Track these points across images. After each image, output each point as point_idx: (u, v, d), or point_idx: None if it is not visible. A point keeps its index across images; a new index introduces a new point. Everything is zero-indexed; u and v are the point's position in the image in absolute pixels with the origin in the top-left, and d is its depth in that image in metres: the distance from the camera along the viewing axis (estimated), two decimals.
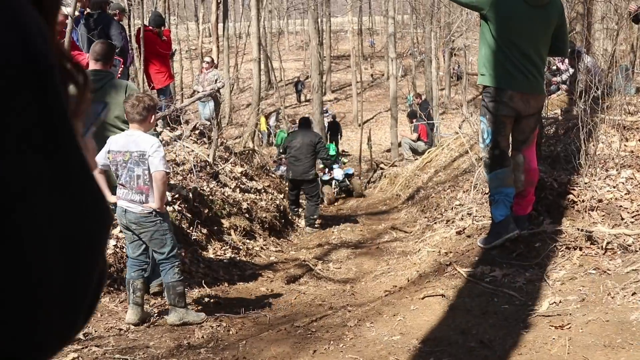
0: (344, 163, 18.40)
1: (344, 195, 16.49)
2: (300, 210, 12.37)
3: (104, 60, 5.63)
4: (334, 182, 16.21)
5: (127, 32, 10.59)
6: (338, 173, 16.23)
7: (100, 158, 5.00)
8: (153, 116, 5.01)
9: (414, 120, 17.72)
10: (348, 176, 16.56)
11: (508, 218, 5.26)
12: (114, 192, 5.10)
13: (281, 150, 12.70)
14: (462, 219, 6.79)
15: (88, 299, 0.66)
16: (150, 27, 10.75)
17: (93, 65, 5.63)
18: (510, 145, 5.50)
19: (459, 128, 15.70)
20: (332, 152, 16.54)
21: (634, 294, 4.09)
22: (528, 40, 5.14)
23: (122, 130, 5.39)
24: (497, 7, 5.13)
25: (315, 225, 11.31)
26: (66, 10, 6.48)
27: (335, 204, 15.74)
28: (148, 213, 4.94)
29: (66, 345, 0.67)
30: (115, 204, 5.09)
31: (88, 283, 0.65)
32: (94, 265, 0.66)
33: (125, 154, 4.88)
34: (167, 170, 4.95)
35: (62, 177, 0.62)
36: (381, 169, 19.04)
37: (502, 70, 5.20)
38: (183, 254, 6.94)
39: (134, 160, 4.86)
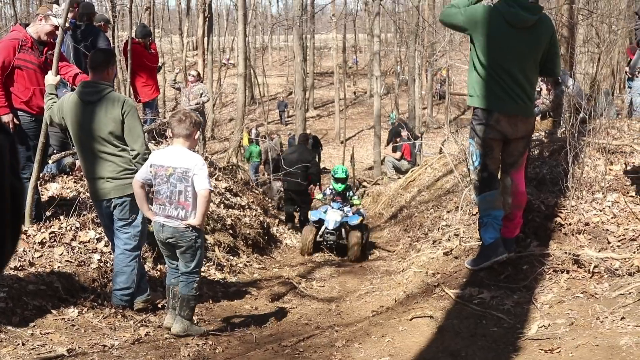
0: (356, 199, 11.34)
1: (329, 251, 10.64)
2: (293, 225, 13.49)
3: (101, 68, 5.54)
4: (323, 227, 10.46)
5: (112, 43, 10.55)
6: (333, 218, 10.36)
7: (143, 172, 5.10)
8: (197, 132, 5.05)
9: (398, 139, 17.78)
10: (350, 225, 10.40)
11: (497, 241, 5.26)
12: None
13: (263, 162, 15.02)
14: (449, 239, 6.79)
15: (6, 215, 0.73)
16: (138, 39, 10.71)
17: (91, 76, 5.58)
18: (500, 167, 5.51)
19: (442, 147, 15.78)
20: (341, 174, 11.16)
21: (622, 318, 4.10)
22: (514, 62, 5.12)
23: (116, 145, 5.38)
24: (482, 29, 5.10)
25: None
26: (56, 21, 6.43)
27: (309, 256, 10.42)
28: (185, 228, 5.00)
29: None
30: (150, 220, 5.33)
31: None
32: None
33: (168, 169, 4.96)
34: (211, 188, 5.00)
35: None
36: (364, 187, 19.07)
37: (489, 92, 5.17)
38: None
39: (177, 176, 4.93)
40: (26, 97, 6.36)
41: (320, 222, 10.58)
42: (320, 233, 10.55)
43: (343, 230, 10.42)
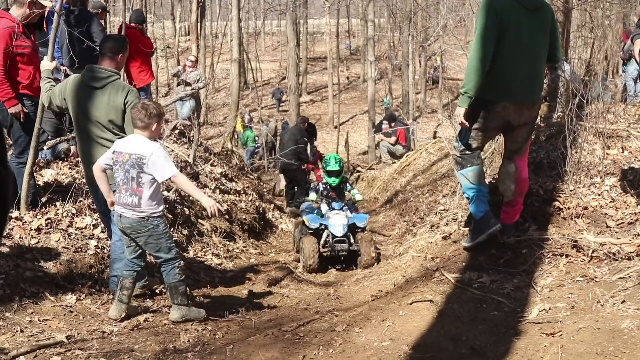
0: (356, 193, 9.60)
1: (337, 263, 8.66)
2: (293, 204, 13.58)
3: (111, 55, 5.49)
4: (327, 233, 8.51)
5: (106, 29, 10.46)
6: (340, 222, 8.45)
7: (105, 157, 5.10)
8: (155, 124, 4.99)
9: (393, 124, 17.74)
10: (352, 229, 8.63)
11: (488, 213, 5.30)
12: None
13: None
14: (447, 224, 6.79)
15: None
16: (133, 24, 10.62)
17: (100, 61, 5.52)
18: (503, 153, 5.52)
19: (436, 131, 15.77)
20: (334, 166, 9.42)
21: (623, 301, 4.11)
22: (533, 45, 5.11)
23: (115, 134, 5.34)
24: (501, 18, 5.04)
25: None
26: (48, 2, 6.37)
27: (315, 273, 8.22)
28: (141, 218, 4.95)
29: None
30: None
31: None
32: None
33: (125, 155, 4.95)
34: (173, 173, 4.95)
35: None
36: (358, 171, 19.04)
37: (504, 83, 5.10)
38: None
39: (131, 162, 4.92)
40: (27, 80, 6.33)
41: (318, 229, 8.62)
42: (322, 242, 8.44)
43: (351, 237, 8.49)
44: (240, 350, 4.40)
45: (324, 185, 9.46)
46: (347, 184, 9.66)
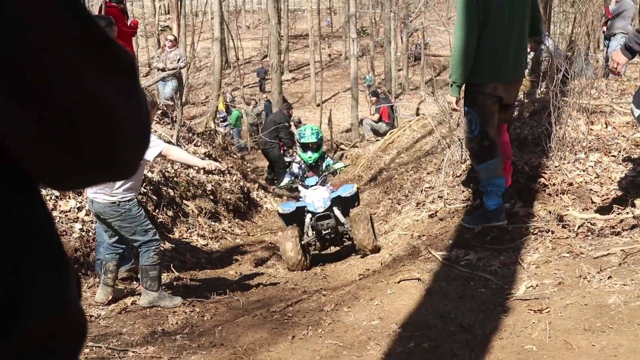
0: (336, 171, 7.66)
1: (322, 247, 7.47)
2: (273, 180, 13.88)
3: None
4: (309, 217, 7.18)
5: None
6: (319, 196, 7.11)
7: None
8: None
9: (375, 99, 17.70)
10: (344, 202, 7.29)
11: (501, 207, 5.28)
12: None
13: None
14: (433, 201, 6.80)
15: (148, 124, 1.00)
16: (114, 4, 10.47)
17: None
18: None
19: (419, 108, 15.78)
20: (311, 138, 7.55)
21: (609, 277, 4.14)
22: (516, 23, 5.10)
23: None
24: (481, 2, 5.03)
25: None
26: None
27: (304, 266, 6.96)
28: (112, 202, 4.90)
29: (144, 150, 0.98)
30: None
31: (144, 115, 0.97)
32: (143, 108, 0.96)
33: None
34: (164, 145, 4.91)
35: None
36: (341, 149, 19.02)
37: (490, 65, 5.10)
38: None
39: None
40: None
41: (298, 215, 7.26)
42: (305, 229, 7.19)
43: (336, 211, 7.16)
44: (229, 332, 4.40)
45: (298, 167, 7.66)
46: (328, 159, 7.71)
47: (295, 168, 7.73)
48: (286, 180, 7.58)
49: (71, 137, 0.84)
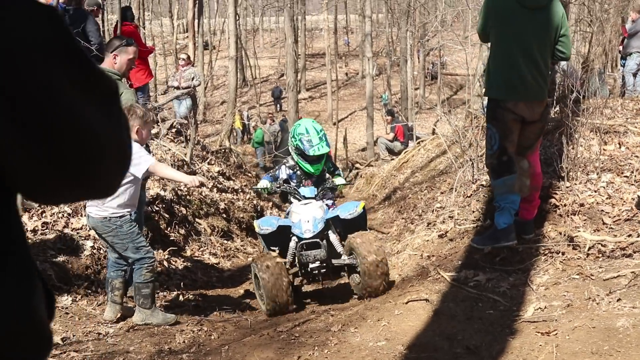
0: (336, 187, 6.30)
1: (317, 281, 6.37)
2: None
3: (109, 55, 5.44)
4: (294, 241, 5.75)
5: (102, 27, 10.43)
6: (308, 214, 5.67)
7: None
8: (137, 127, 4.93)
9: (390, 118, 17.72)
10: (345, 226, 5.90)
11: (511, 227, 5.24)
12: None
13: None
14: (443, 222, 6.77)
15: (129, 146, 1.07)
16: (128, 22, 10.58)
17: (104, 62, 5.48)
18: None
19: (435, 128, 15.77)
20: (317, 140, 6.01)
21: (618, 299, 4.09)
22: (531, 43, 5.10)
23: None
24: (497, 16, 5.11)
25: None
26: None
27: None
28: (103, 218, 4.91)
29: (124, 173, 1.08)
30: None
31: (126, 138, 1.06)
32: (123, 127, 1.05)
33: None
34: (152, 161, 4.90)
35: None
36: (357, 168, 19.02)
37: (507, 81, 5.15)
38: (161, 254, 6.86)
39: None
40: None
41: (283, 235, 5.75)
42: (288, 257, 5.72)
43: (331, 237, 5.75)
44: (235, 351, 4.40)
45: (290, 171, 6.12)
46: (334, 170, 6.34)
47: (283, 172, 6.12)
48: (264, 183, 5.97)
49: (57, 157, 0.92)
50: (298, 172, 6.11)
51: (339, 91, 36.80)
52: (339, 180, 6.21)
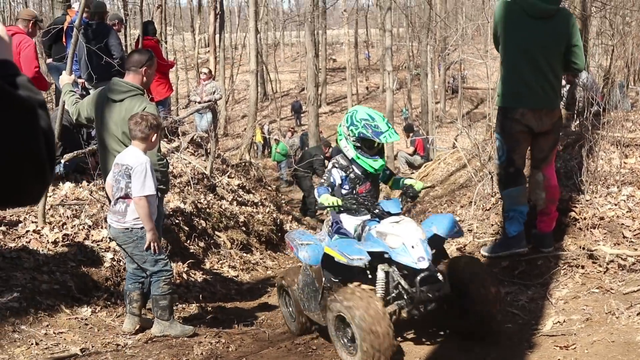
0: (417, 194, 5.08)
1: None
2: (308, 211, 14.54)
3: (132, 70, 5.46)
4: (382, 270, 4.31)
5: (124, 42, 10.56)
6: (413, 237, 4.16)
7: (111, 173, 5.12)
8: (155, 135, 4.99)
9: (411, 134, 17.70)
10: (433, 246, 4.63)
11: (521, 234, 5.28)
12: None
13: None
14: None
15: (46, 151, 1.25)
16: (150, 37, 10.69)
17: (126, 76, 5.51)
18: (530, 162, 5.51)
19: (455, 141, 15.72)
20: (374, 168, 4.85)
21: (638, 314, 4.05)
22: (538, 53, 5.12)
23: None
24: (505, 25, 5.15)
25: (314, 215, 13.95)
26: (76, 6, 6.49)
27: None
28: (125, 229, 4.96)
29: (46, 187, 1.31)
30: None
31: (38, 143, 1.23)
32: (35, 134, 1.23)
33: (120, 166, 4.96)
34: (147, 194, 4.89)
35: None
36: None
37: (513, 89, 5.21)
38: (181, 267, 6.89)
39: (121, 172, 4.91)
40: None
41: (347, 268, 4.38)
42: (381, 293, 4.27)
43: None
44: None
45: (342, 172, 4.79)
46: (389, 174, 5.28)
47: (336, 176, 4.76)
48: (327, 197, 4.50)
49: None
50: (351, 175, 4.76)
51: (360, 105, 36.83)
52: (418, 184, 4.89)
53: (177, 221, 7.77)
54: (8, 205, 1.27)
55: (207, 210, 8.81)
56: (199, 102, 12.82)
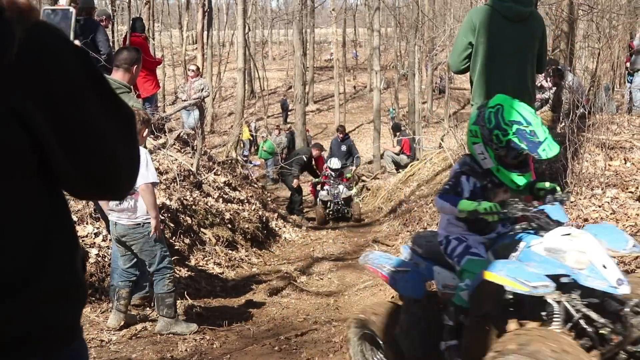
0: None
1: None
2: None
3: (120, 68, 5.44)
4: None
5: (112, 38, 10.51)
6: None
7: None
8: (146, 130, 4.99)
9: (398, 134, 17.76)
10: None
11: None
12: None
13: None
14: None
15: (138, 166, 1.45)
16: (138, 33, 10.66)
17: (114, 73, 5.47)
18: None
19: (442, 141, 15.79)
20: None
21: None
22: (515, 55, 5.13)
23: None
24: (481, 30, 5.12)
25: (301, 213, 14.56)
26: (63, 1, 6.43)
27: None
28: (136, 224, 4.94)
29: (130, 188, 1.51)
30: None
31: (137, 155, 1.45)
32: (136, 146, 1.43)
33: None
34: (152, 181, 4.91)
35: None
36: (363, 181, 19.05)
37: (489, 93, 5.19)
38: None
39: None
40: None
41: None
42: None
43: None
44: None
45: (476, 182, 3.72)
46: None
47: (467, 186, 3.68)
48: (467, 202, 3.49)
49: (87, 174, 1.33)
50: (489, 185, 3.67)
51: (347, 104, 36.90)
52: (560, 197, 3.59)
53: (162, 217, 7.75)
54: (101, 198, 1.62)
55: (193, 207, 8.80)
56: (187, 100, 12.79)
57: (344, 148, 16.13)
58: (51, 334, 1.28)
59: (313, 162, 15.11)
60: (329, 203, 13.57)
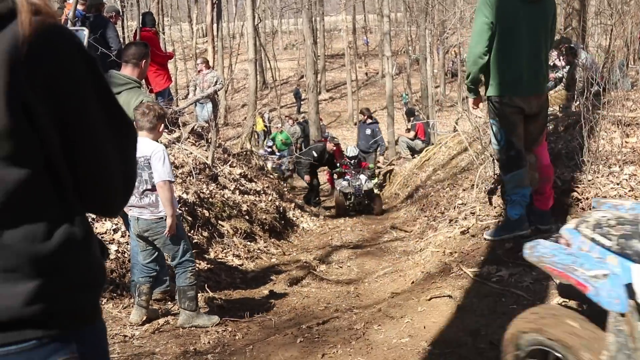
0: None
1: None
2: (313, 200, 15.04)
3: (129, 63, 5.45)
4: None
5: (122, 33, 10.54)
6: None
7: None
8: (162, 125, 5.02)
9: (412, 119, 17.69)
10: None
11: (523, 217, 5.33)
12: None
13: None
14: (465, 218, 6.76)
15: (133, 184, 1.56)
16: (148, 28, 10.67)
17: (124, 68, 5.49)
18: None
19: (456, 125, 15.71)
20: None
21: None
22: (531, 37, 5.12)
23: None
24: (496, 12, 5.10)
25: (318, 203, 14.87)
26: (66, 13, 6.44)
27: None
28: (159, 218, 4.97)
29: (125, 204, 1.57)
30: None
31: (133, 170, 1.55)
32: (133, 163, 1.51)
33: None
34: (169, 179, 4.93)
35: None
36: (378, 167, 19.03)
37: (506, 77, 5.19)
38: None
39: (140, 165, 4.90)
40: None
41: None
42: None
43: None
44: (260, 351, 4.44)
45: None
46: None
47: None
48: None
49: (83, 175, 1.40)
50: None
51: (359, 91, 36.82)
52: None
53: (180, 211, 7.77)
54: (95, 212, 1.57)
55: (210, 199, 8.82)
56: (201, 92, 12.79)
57: (368, 131, 16.20)
58: (75, 312, 1.39)
59: (327, 156, 15.04)
60: (349, 195, 13.01)
